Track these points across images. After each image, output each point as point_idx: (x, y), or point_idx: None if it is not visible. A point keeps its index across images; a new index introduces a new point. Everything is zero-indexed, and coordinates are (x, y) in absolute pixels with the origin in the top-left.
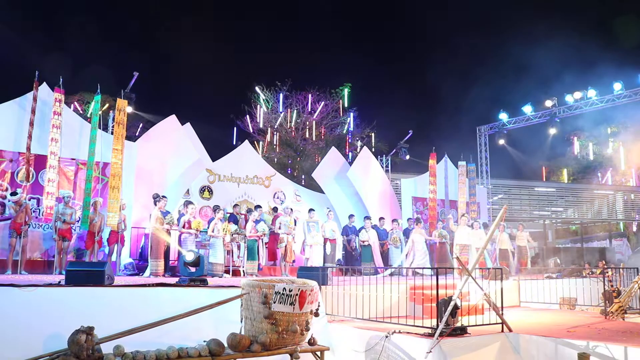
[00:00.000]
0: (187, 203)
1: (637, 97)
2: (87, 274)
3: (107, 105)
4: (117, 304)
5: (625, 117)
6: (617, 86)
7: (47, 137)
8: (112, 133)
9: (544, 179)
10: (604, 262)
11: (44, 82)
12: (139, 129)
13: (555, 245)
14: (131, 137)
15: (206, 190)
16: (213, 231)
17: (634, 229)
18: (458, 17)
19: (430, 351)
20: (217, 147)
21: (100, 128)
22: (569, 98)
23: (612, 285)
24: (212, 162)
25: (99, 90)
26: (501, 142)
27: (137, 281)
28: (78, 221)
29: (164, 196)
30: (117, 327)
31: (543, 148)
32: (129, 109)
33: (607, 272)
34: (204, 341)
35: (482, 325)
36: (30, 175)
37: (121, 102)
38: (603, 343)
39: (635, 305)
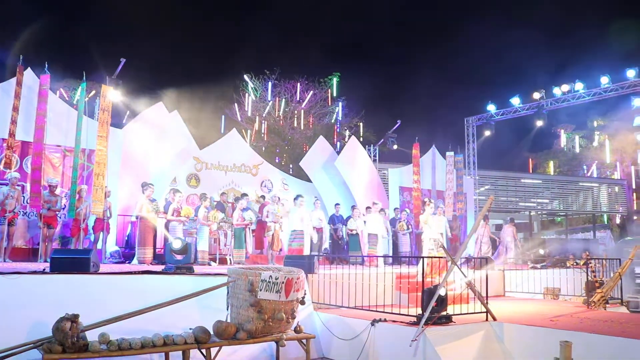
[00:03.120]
0: (174, 191)
1: (624, 90)
2: (72, 261)
3: (93, 92)
4: (102, 292)
5: (612, 110)
6: (604, 80)
7: (31, 123)
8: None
9: (531, 171)
10: (587, 253)
11: (29, 68)
12: (126, 116)
13: (541, 236)
14: (119, 124)
15: (193, 178)
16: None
17: (618, 221)
18: (449, 8)
19: (416, 339)
20: (204, 135)
21: (86, 115)
22: (556, 91)
23: (594, 276)
24: (200, 150)
25: (84, 77)
26: (488, 133)
27: (122, 269)
28: (64, 208)
29: (151, 184)
30: (103, 314)
31: (530, 140)
32: (116, 96)
33: (590, 263)
34: (190, 329)
35: (467, 314)
36: (14, 162)
37: (106, 89)
38: (585, 332)
39: (617, 295)
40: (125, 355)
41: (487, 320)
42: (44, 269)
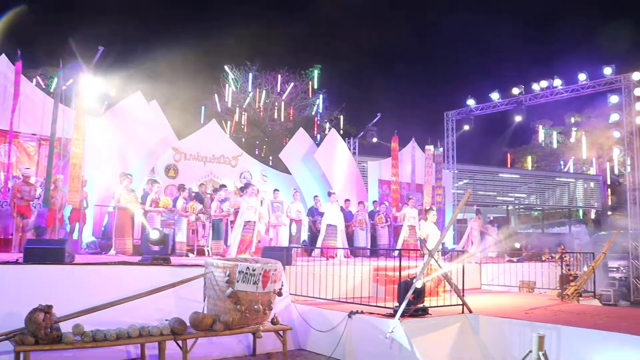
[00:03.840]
0: (152, 181)
1: (601, 87)
2: (47, 251)
3: (70, 80)
4: (77, 283)
5: (589, 107)
6: (582, 76)
7: (6, 111)
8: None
9: (509, 166)
10: (562, 247)
11: (3, 54)
12: (104, 106)
13: (518, 230)
14: (96, 113)
15: (172, 168)
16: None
17: (593, 216)
18: (431, 3)
19: (392, 331)
20: (184, 126)
21: (63, 103)
22: (535, 86)
23: (569, 270)
24: (179, 140)
25: (61, 65)
26: (467, 127)
27: (98, 259)
28: (38, 198)
29: (129, 174)
30: (77, 305)
31: (509, 135)
32: (93, 85)
33: (565, 257)
34: (166, 320)
35: (444, 306)
36: None
37: (83, 77)
38: (558, 324)
39: (590, 288)
40: (99, 347)
41: (463, 312)
42: (17, 260)
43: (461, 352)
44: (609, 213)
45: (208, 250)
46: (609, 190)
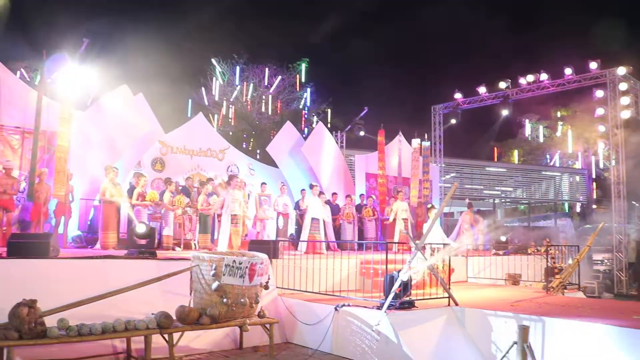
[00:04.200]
0: (139, 175)
1: (586, 82)
2: (31, 245)
3: (55, 73)
4: (62, 277)
5: (575, 101)
6: (568, 71)
7: None
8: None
9: (495, 159)
10: (548, 240)
11: None
12: (90, 99)
13: (504, 224)
14: (82, 106)
15: (158, 162)
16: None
17: (578, 209)
18: None
19: (379, 324)
20: (170, 119)
21: (47, 96)
22: (521, 80)
23: (554, 262)
24: (165, 133)
25: (45, 57)
26: (454, 121)
27: (84, 253)
28: (23, 192)
29: (115, 167)
30: (62, 300)
31: (495, 129)
32: (79, 77)
33: (550, 250)
34: (152, 314)
35: (430, 299)
36: None
37: (69, 70)
38: (542, 316)
39: (575, 281)
40: (85, 341)
41: (449, 305)
42: (1, 254)
43: (447, 345)
44: (594, 206)
45: (195, 244)
46: (594, 184)
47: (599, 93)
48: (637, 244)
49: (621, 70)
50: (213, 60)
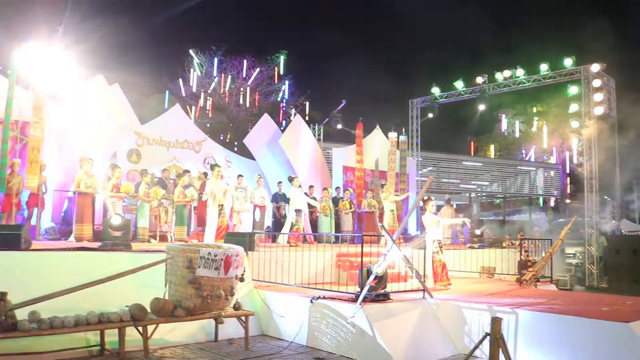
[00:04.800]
0: (114, 166)
1: (562, 78)
2: (2, 237)
3: (28, 61)
4: (34, 269)
5: (550, 97)
6: (544, 67)
7: None
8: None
9: (472, 154)
10: (521, 234)
11: None
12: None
13: (480, 217)
14: (56, 96)
15: (134, 153)
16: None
17: (552, 204)
18: None
19: (354, 316)
20: (147, 110)
21: (20, 85)
22: (498, 76)
23: (527, 256)
24: (141, 125)
25: (17, 45)
26: (431, 115)
27: (57, 246)
28: None
29: (89, 158)
30: (34, 292)
31: (472, 123)
32: (53, 66)
33: (524, 244)
34: (127, 306)
35: (405, 291)
36: None
37: (42, 58)
38: (515, 308)
39: (548, 273)
40: (57, 334)
41: (424, 297)
42: None
43: (421, 336)
44: (568, 201)
45: (171, 237)
46: (568, 178)
47: (573, 89)
48: (606, 238)
49: (595, 67)
50: (191, 52)
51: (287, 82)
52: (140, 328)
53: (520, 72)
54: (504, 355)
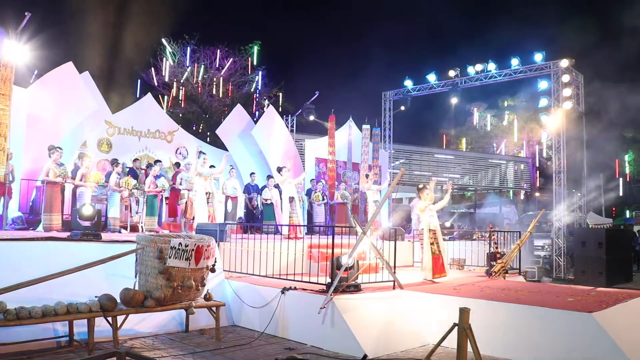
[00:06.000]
0: (83, 155)
1: (532, 73)
2: None
3: None
4: (1, 259)
5: (521, 91)
6: (515, 62)
7: None
8: None
9: (444, 147)
10: (491, 226)
11: None
12: (33, 76)
13: (451, 210)
14: (24, 83)
15: (105, 143)
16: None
17: (522, 196)
18: None
19: (324, 307)
20: (118, 99)
21: None
22: (470, 69)
23: (496, 248)
24: (112, 114)
25: None
26: (403, 107)
27: (24, 235)
28: None
29: (59, 147)
30: (1, 282)
31: (444, 116)
32: (20, 53)
33: (493, 236)
34: (96, 297)
35: (375, 282)
36: None
37: (8, 44)
38: (483, 299)
39: (516, 265)
40: (24, 325)
41: (394, 288)
42: None
43: (391, 327)
44: (537, 194)
45: (142, 227)
46: (538, 172)
47: (543, 84)
48: (569, 231)
49: (564, 63)
50: (163, 40)
51: (260, 73)
52: (109, 319)
53: (492, 66)
54: (471, 345)
